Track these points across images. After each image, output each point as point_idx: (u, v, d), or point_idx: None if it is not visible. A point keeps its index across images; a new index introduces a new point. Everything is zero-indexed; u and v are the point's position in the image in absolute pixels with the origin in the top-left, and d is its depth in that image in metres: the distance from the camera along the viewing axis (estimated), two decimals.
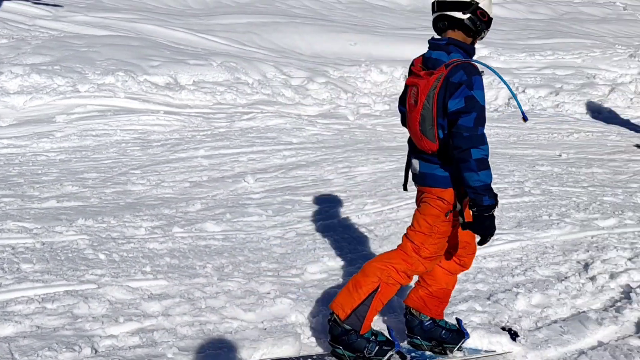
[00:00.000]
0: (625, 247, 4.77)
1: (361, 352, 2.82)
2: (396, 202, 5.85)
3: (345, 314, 2.82)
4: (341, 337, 2.84)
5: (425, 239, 2.85)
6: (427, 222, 2.84)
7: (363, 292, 2.82)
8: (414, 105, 2.76)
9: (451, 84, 2.64)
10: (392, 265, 2.87)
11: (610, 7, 19.44)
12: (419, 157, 2.88)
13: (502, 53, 13.05)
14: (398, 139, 8.58)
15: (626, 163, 7.58)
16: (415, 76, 2.79)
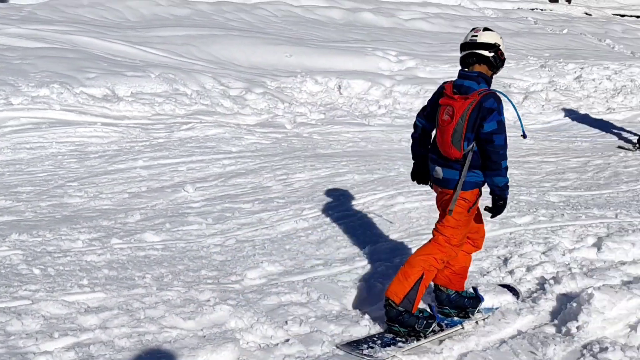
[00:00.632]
0: (539, 242, 4.93)
1: (412, 327, 3.37)
2: (332, 206, 5.85)
3: (399, 299, 3.35)
4: (397, 318, 3.37)
5: (453, 232, 3.43)
6: (454, 218, 3.40)
7: (411, 280, 3.36)
8: (448, 121, 3.28)
9: (484, 108, 3.23)
10: (432, 256, 3.42)
11: (523, 21, 20.21)
12: (442, 165, 3.40)
13: (427, 64, 13.32)
14: (333, 146, 8.61)
15: (539, 164, 7.87)
16: (448, 98, 3.32)
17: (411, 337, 3.37)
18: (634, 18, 23.77)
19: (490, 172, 3.33)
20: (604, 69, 13.45)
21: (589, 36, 18.61)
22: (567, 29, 19.24)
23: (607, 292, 3.56)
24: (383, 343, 3.33)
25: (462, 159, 3.30)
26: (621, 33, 19.75)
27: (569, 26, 19.77)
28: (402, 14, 18.86)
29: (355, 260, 4.65)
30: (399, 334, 3.39)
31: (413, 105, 11.46)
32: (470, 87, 3.29)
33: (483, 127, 3.23)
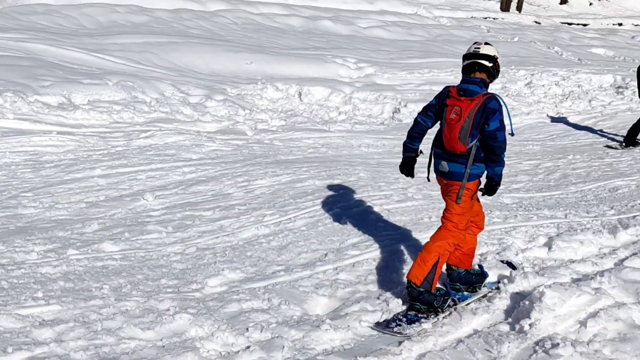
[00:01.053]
0: (494, 243, 5.02)
1: (431, 304, 3.77)
2: (293, 212, 5.83)
3: (419, 281, 3.76)
4: (418, 297, 3.77)
5: (460, 218, 3.82)
6: (460, 206, 3.79)
7: (429, 264, 3.76)
8: (456, 119, 3.65)
9: (489, 109, 3.61)
10: (445, 241, 3.81)
11: (476, 29, 20.64)
12: (447, 160, 3.78)
13: (385, 71, 13.46)
14: (294, 152, 8.60)
15: None
16: (455, 99, 3.69)
17: (430, 313, 3.77)
18: (581, 26, 24.57)
19: (492, 163, 3.75)
20: (553, 75, 13.85)
21: (539, 44, 19.14)
22: (518, 37, 19.74)
23: (558, 289, 3.64)
24: (408, 320, 3.73)
25: (466, 153, 3.68)
26: (569, 41, 20.38)
27: (519, 34, 20.29)
28: (361, 22, 19.02)
29: (317, 265, 4.64)
30: (421, 310, 3.78)
31: (372, 111, 11.57)
32: (474, 91, 3.67)
33: (488, 125, 3.61)
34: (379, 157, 8.55)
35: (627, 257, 4.74)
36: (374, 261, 4.70)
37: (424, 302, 3.76)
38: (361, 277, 4.41)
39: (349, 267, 4.58)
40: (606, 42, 20.91)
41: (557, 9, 26.52)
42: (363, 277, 4.42)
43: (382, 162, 8.17)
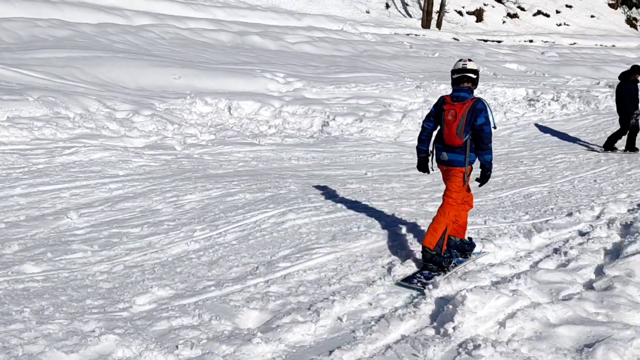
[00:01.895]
0: (419, 249, 5.13)
1: (440, 264, 4.58)
2: (224, 226, 5.74)
3: (432, 246, 4.57)
4: (431, 259, 4.58)
5: (457, 195, 4.68)
6: (457, 185, 4.65)
7: (439, 232, 4.59)
8: (452, 120, 4.51)
9: (476, 109, 4.47)
10: (449, 214, 4.67)
11: (399, 45, 21.23)
12: (447, 151, 4.62)
13: (314, 85, 13.58)
14: (224, 166, 8.50)
15: (418, 177, 8.23)
16: (451, 105, 4.56)
17: (440, 271, 4.57)
18: (495, 43, 25.78)
19: (481, 151, 4.55)
20: None
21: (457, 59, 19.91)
22: (439, 53, 20.47)
23: (478, 293, 3.77)
24: (425, 277, 4.50)
25: (462, 145, 4.52)
26: (484, 56, 21.32)
27: (440, 50, 21.05)
28: (289, 37, 19.14)
29: (248, 278, 4.58)
30: (432, 270, 4.58)
31: (302, 124, 11.63)
32: (465, 97, 4.54)
33: (477, 121, 4.46)
34: (309, 169, 8.59)
35: (541, 260, 4.97)
36: (305, 273, 4.69)
37: (435, 263, 4.59)
38: (292, 289, 4.39)
39: (280, 279, 4.56)
40: (519, 57, 22.04)
41: (474, 26, 27.72)
42: (294, 288, 4.41)
43: (312, 174, 8.22)
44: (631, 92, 10.12)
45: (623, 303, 3.88)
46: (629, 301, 3.93)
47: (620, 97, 10.28)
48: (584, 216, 6.22)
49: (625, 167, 8.75)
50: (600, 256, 4.95)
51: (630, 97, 10.12)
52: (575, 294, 4.07)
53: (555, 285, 4.25)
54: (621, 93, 10.27)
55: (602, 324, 3.64)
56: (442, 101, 4.64)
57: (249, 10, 22.12)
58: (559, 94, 14.84)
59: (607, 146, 10.27)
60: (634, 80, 10.25)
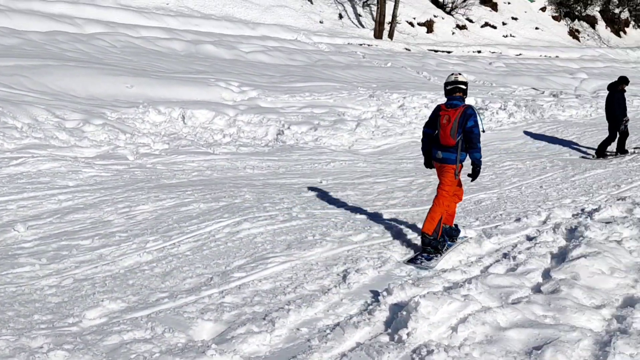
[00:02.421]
0: (373, 257, 5.17)
1: (437, 248, 5.27)
2: (177, 237, 5.64)
3: (430, 231, 5.24)
4: (429, 243, 5.25)
5: (449, 187, 5.38)
6: (450, 179, 5.34)
7: (436, 220, 5.28)
8: (447, 123, 5.19)
9: (467, 114, 5.16)
10: (443, 204, 5.36)
11: (353, 55, 21.43)
12: (442, 150, 5.29)
13: (268, 94, 13.54)
14: (178, 176, 8.35)
15: (372, 185, 8.30)
16: (445, 111, 5.25)
17: (436, 254, 5.24)
18: (445, 53, 26.36)
19: (472, 150, 5.21)
20: (423, 98, 14.68)
21: (409, 69, 20.25)
22: (391, 63, 20.77)
23: (431, 298, 3.81)
24: (425, 258, 5.22)
25: (455, 146, 5.18)
26: (435, 66, 21.76)
27: (392, 60, 21.35)
28: (243, 46, 19.05)
29: (202, 289, 4.51)
30: (430, 252, 5.26)
31: (257, 133, 11.56)
32: (457, 104, 5.24)
33: (467, 124, 5.13)
34: (264, 178, 8.54)
35: (491, 264, 5.08)
36: (260, 282, 4.65)
37: (432, 247, 5.26)
38: (247, 299, 4.34)
39: (234, 289, 4.50)
40: (468, 67, 22.58)
41: (425, 37, 28.28)
42: (249, 298, 4.36)
43: (267, 183, 8.17)
44: (619, 101, 10.78)
45: (569, 305, 4.00)
46: (575, 304, 4.05)
47: (609, 106, 10.89)
48: (531, 221, 6.39)
49: (569, 174, 9.06)
50: (547, 260, 5.08)
51: (619, 106, 10.75)
52: (524, 298, 4.17)
53: (505, 289, 4.35)
54: (611, 102, 10.88)
55: (550, 326, 3.73)
56: (438, 108, 5.38)
57: (202, 19, 21.92)
58: (506, 103, 15.27)
59: (599, 153, 10.76)
60: (621, 89, 10.88)
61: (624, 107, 10.83)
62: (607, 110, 11.00)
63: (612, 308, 4.07)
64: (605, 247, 5.02)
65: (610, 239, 5.39)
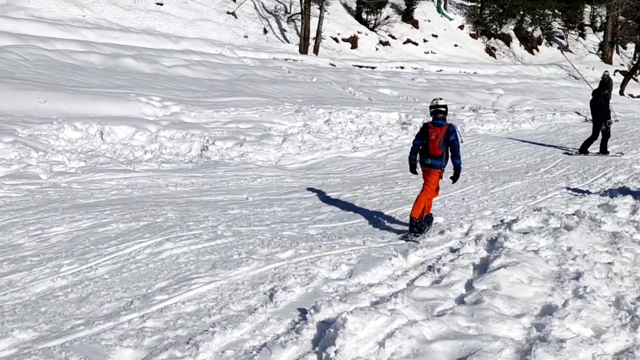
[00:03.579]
0: (301, 274, 5.15)
1: (421, 229, 6.66)
2: (95, 259, 5.39)
3: (417, 216, 6.58)
4: (416, 225, 6.60)
5: (433, 185, 6.72)
6: (434, 180, 6.71)
7: (421, 208, 6.64)
8: (435, 138, 6.57)
9: (450, 131, 6.55)
10: (426, 196, 6.73)
11: (278, 70, 21.51)
12: (430, 158, 6.66)
13: (192, 109, 13.31)
14: (96, 195, 8.01)
15: (299, 200, 8.31)
16: (433, 128, 6.62)
17: (420, 234, 6.62)
18: (370, 69, 26.99)
19: (455, 157, 6.68)
20: (348, 113, 14.92)
21: (334, 84, 20.56)
22: (316, 78, 21.00)
23: (358, 314, 3.83)
24: (413, 235, 6.57)
25: (441, 155, 6.62)
26: (360, 82, 22.21)
27: (317, 75, 21.60)
28: (165, 60, 18.68)
29: (121, 315, 4.32)
30: (416, 232, 6.61)
31: (180, 149, 11.31)
32: (442, 123, 6.65)
33: (450, 138, 6.58)
34: (188, 195, 8.35)
35: (417, 277, 5.19)
36: (183, 304, 4.51)
37: (418, 228, 6.64)
38: (170, 323, 4.19)
39: (156, 313, 4.34)
40: (391, 83, 23.21)
41: (349, 52, 28.84)
42: (172, 322, 4.21)
43: (191, 200, 7.99)
44: (602, 105, 12.34)
45: (491, 315, 4.13)
46: (497, 313, 4.20)
47: (593, 109, 12.47)
48: (454, 233, 6.60)
49: (489, 186, 9.45)
50: (470, 271, 5.25)
51: (601, 109, 12.31)
52: (448, 310, 4.27)
53: (430, 302, 4.44)
54: (594, 106, 12.46)
55: (473, 337, 3.84)
56: (427, 126, 6.76)
57: (122, 32, 21.32)
58: (428, 117, 15.78)
59: (582, 150, 12.38)
60: (604, 95, 12.49)
61: (607, 110, 12.35)
62: (592, 113, 12.57)
63: (532, 316, 4.25)
64: (524, 257, 5.26)
65: (528, 249, 5.65)
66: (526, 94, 25.21)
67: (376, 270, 5.36)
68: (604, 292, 4.66)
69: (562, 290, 4.62)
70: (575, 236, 5.97)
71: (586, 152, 12.34)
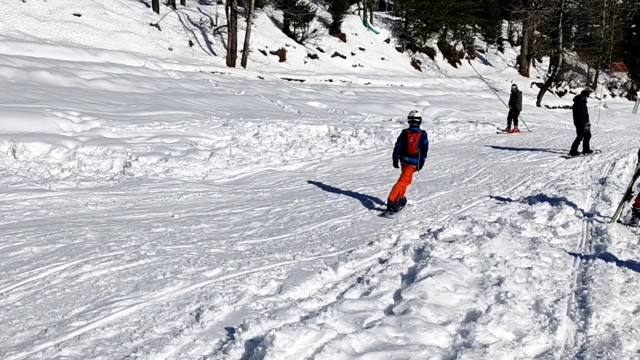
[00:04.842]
0: (229, 292, 5.06)
1: (396, 209, 8.47)
2: (5, 286, 5.09)
3: (393, 199, 8.41)
4: (393, 205, 8.41)
5: (409, 177, 8.66)
6: (410, 172, 8.64)
7: (397, 192, 8.46)
8: (413, 142, 8.46)
9: (423, 136, 8.49)
10: (403, 184, 8.61)
11: (205, 83, 21.26)
12: (408, 156, 8.54)
13: (113, 124, 12.89)
14: (7, 217, 7.58)
15: (228, 216, 8.20)
16: (410, 134, 8.50)
17: (395, 212, 8.35)
18: (298, 82, 27.17)
19: (424, 156, 8.53)
20: (277, 126, 14.93)
21: (263, 97, 20.54)
22: (245, 91, 20.91)
23: (287, 330, 3.80)
24: (389, 213, 8.36)
25: (416, 154, 8.46)
26: (289, 95, 22.31)
27: (245, 88, 21.52)
28: (83, 74, 18.04)
29: (34, 344, 4.08)
30: (392, 212, 8.38)
31: (100, 166, 10.92)
32: (417, 130, 8.47)
33: (423, 142, 8.42)
34: (109, 215, 8.05)
35: (346, 290, 5.22)
36: (103, 330, 4.32)
37: (394, 208, 8.41)
38: (88, 350, 4.00)
39: (73, 340, 4.13)
40: (320, 95, 23.46)
41: (277, 65, 28.94)
42: (90, 349, 4.02)
43: (112, 219, 7.71)
44: (582, 109, 14.01)
45: (419, 325, 4.21)
46: (424, 322, 4.28)
47: (576, 114, 14.15)
48: (383, 244, 6.70)
49: (416, 196, 9.69)
50: (398, 281, 5.34)
51: (582, 113, 13.98)
52: (377, 321, 4.32)
53: (360, 314, 4.48)
54: (576, 110, 14.11)
55: (401, 347, 3.89)
56: (405, 132, 8.60)
57: (36, 44, 20.43)
58: (357, 130, 16.04)
59: (573, 152, 14.07)
60: (584, 100, 14.13)
61: (587, 114, 14.06)
62: (574, 116, 14.22)
63: (457, 323, 4.36)
64: (449, 265, 5.41)
65: (453, 257, 5.82)
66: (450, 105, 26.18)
67: (306, 285, 5.35)
68: (524, 296, 4.86)
69: (485, 297, 4.78)
70: (497, 243, 6.20)
71: (577, 153, 13.94)
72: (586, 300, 4.91)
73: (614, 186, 10.21)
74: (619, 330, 4.41)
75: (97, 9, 24.37)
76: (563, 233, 7.32)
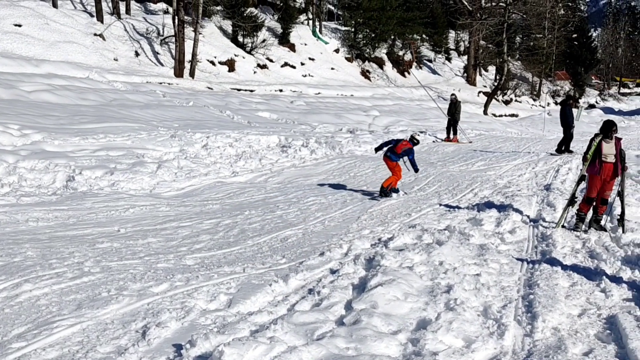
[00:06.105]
0: (176, 307, 4.96)
1: (387, 194, 10.52)
2: None
3: (386, 186, 10.55)
4: (385, 191, 10.53)
5: (399, 172, 10.71)
6: (399, 168, 10.70)
7: (390, 182, 10.58)
8: (402, 146, 10.65)
9: (412, 150, 10.79)
10: (394, 177, 10.64)
11: (152, 94, 20.92)
12: (394, 155, 10.65)
13: (55, 137, 12.52)
14: None
15: (176, 230, 8.06)
16: (406, 142, 10.78)
17: (385, 196, 10.37)
18: (248, 92, 27.08)
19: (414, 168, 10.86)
20: (227, 137, 14.82)
21: (212, 108, 20.36)
22: (193, 102, 20.68)
23: (236, 345, 3.75)
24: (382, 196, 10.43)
25: (398, 155, 10.57)
26: (238, 105, 22.20)
27: (194, 99, 21.28)
28: (24, 85, 17.47)
29: None
30: (383, 196, 10.39)
31: (42, 181, 10.58)
32: (411, 144, 10.74)
33: (410, 155, 10.69)
34: (51, 231, 7.79)
35: (297, 302, 5.20)
36: (44, 351, 4.16)
37: (386, 193, 10.33)
38: None
39: None
40: (270, 106, 23.44)
41: (227, 75, 28.76)
42: None
43: (54, 236, 7.46)
44: (568, 113, 16.04)
45: (369, 335, 4.24)
46: (375, 332, 4.31)
47: (563, 117, 16.07)
48: (334, 254, 6.72)
49: (367, 206, 9.78)
50: (349, 291, 5.37)
51: (568, 117, 15.95)
52: (328, 332, 4.32)
53: (310, 325, 4.47)
54: (564, 114, 16.06)
55: (352, 357, 3.90)
56: (397, 140, 10.80)
57: None
58: (307, 140, 16.09)
59: (559, 150, 15.85)
60: (570, 104, 16.40)
61: (572, 116, 16.14)
62: (561, 119, 16.17)
63: (408, 332, 4.41)
64: (399, 274, 5.47)
65: (404, 266, 5.89)
66: (400, 115, 26.62)
67: (256, 298, 5.31)
68: (473, 302, 4.97)
69: (435, 304, 4.86)
70: (447, 250, 6.33)
71: (562, 151, 15.75)
72: (532, 305, 5.06)
73: (558, 192, 10.58)
74: (564, 334, 4.56)
75: (39, 19, 23.68)
76: (510, 239, 7.53)
